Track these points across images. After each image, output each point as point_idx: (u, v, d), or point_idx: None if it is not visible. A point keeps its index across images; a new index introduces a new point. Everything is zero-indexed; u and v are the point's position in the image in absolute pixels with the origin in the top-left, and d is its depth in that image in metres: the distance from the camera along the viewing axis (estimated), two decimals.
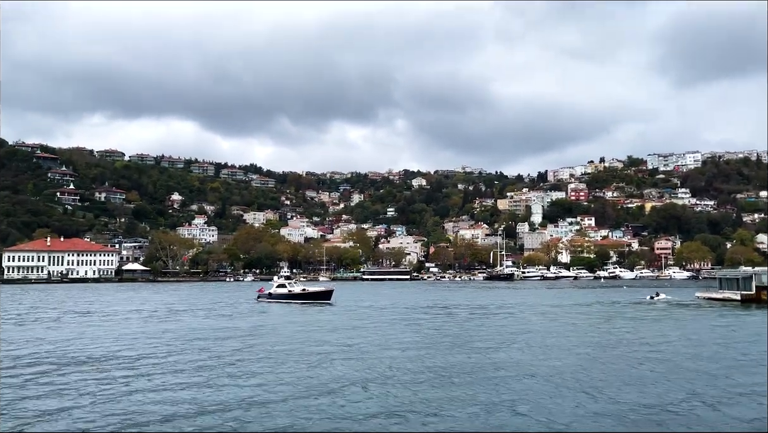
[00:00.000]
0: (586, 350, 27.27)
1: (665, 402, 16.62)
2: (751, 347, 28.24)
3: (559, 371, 21.31)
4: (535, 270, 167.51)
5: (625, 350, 27.39)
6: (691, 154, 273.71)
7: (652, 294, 73.14)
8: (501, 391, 18.06)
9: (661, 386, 18.90)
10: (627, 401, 16.67)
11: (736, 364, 23.46)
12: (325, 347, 27.70)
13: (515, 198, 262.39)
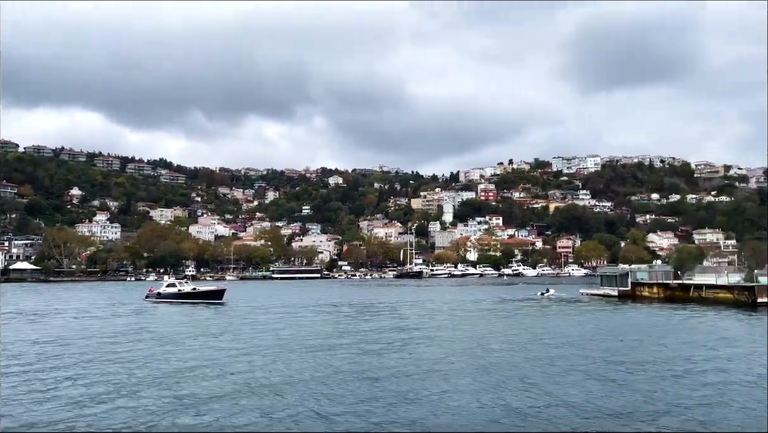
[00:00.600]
0: (450, 343, 28.22)
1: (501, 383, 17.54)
2: (597, 343, 30.26)
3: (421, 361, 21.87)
4: (443, 268, 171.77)
5: (475, 343, 28.58)
6: (592, 158, 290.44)
7: (543, 291, 76.79)
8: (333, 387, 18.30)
9: (490, 373, 19.96)
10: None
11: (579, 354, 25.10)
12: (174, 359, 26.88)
13: (428, 198, 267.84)
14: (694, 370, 22.47)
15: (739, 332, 36.12)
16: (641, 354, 26.49)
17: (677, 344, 30.01)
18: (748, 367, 23.33)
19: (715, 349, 28.29)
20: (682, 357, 25.62)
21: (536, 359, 24.39)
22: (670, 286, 62.13)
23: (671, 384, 19.72)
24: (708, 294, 58.70)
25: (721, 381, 20.32)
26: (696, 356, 25.90)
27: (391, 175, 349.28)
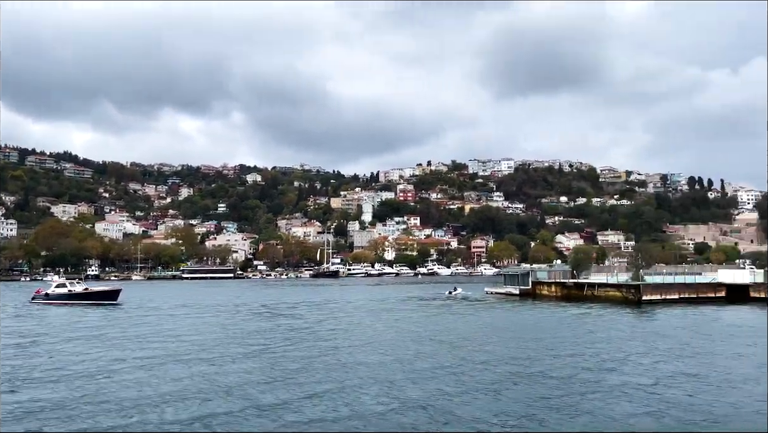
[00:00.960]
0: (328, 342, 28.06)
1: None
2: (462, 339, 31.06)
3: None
4: (360, 268, 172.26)
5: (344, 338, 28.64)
6: (506, 162, 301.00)
7: (451, 290, 78.53)
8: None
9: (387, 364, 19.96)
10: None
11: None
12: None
13: (348, 197, 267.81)
14: (538, 366, 23.48)
15: (605, 328, 38.33)
16: (506, 350, 27.42)
17: (551, 339, 31.41)
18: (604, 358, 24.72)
19: (580, 342, 29.84)
20: (537, 353, 26.79)
21: (399, 359, 24.61)
22: (566, 285, 65.22)
23: (523, 382, 20.49)
24: (600, 292, 62.10)
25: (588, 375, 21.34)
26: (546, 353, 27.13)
27: (312, 174, 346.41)
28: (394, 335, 33.38)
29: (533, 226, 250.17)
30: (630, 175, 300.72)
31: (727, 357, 26.27)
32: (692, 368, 23.38)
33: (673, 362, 24.99)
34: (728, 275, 59.33)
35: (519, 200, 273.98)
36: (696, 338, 32.67)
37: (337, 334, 33.79)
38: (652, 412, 16.35)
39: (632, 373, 22.17)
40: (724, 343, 30.85)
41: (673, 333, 35.31)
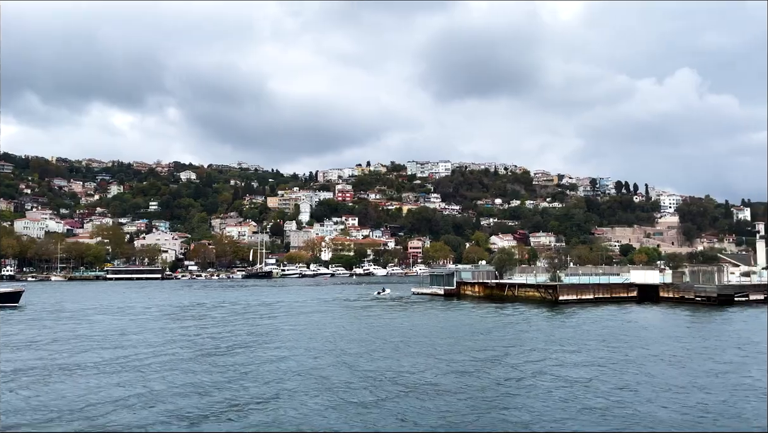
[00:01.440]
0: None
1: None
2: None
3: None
4: (294, 268, 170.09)
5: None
6: (443, 163, 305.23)
7: (379, 290, 78.55)
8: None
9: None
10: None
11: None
12: None
13: (286, 197, 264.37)
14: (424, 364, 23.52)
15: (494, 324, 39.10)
16: (393, 350, 27.39)
17: (462, 339, 31.66)
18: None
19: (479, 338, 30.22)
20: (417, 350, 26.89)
21: (266, 359, 24.20)
22: (489, 285, 66.41)
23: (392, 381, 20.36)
24: (520, 292, 63.55)
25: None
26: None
27: (250, 173, 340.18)
28: (300, 336, 32.75)
29: (469, 227, 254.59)
30: (562, 178, 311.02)
31: (636, 356, 27.11)
32: (605, 366, 23.94)
33: (585, 359, 25.57)
34: (639, 275, 61.86)
35: (456, 202, 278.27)
36: (605, 337, 33.67)
37: (241, 336, 32.86)
38: (569, 415, 16.46)
39: (545, 373, 22.46)
40: (630, 342, 31.91)
41: (583, 332, 36.34)
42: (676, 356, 26.87)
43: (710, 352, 28.48)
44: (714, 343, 31.87)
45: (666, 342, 31.69)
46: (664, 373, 22.63)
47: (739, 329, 39.21)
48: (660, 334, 35.70)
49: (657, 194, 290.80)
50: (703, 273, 57.29)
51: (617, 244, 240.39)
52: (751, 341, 32.05)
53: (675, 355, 27.27)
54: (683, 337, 34.18)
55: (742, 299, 58.88)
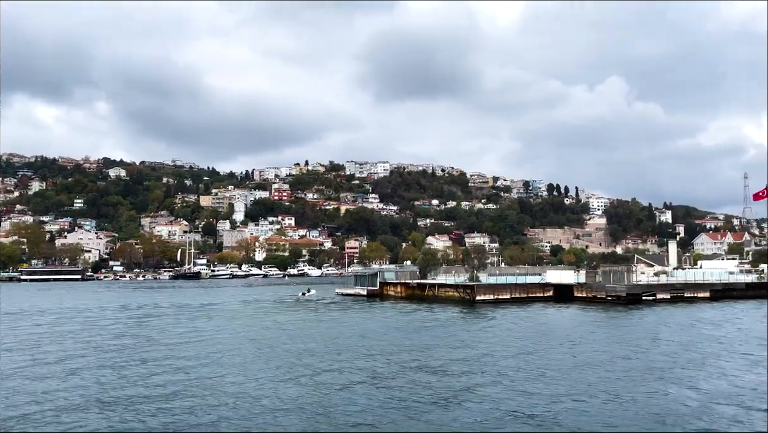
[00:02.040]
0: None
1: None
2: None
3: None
4: (225, 268, 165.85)
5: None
6: (382, 164, 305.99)
7: (304, 291, 77.29)
8: None
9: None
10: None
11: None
12: None
13: (220, 195, 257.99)
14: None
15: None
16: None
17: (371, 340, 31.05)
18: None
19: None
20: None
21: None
22: (410, 285, 66.34)
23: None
24: (441, 292, 63.76)
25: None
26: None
27: (185, 170, 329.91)
28: (190, 344, 31.26)
29: (406, 227, 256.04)
30: (497, 180, 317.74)
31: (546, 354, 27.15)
32: (523, 365, 23.72)
33: (499, 358, 25.33)
34: (555, 275, 63.22)
35: (394, 202, 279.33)
36: (511, 337, 33.81)
37: (136, 339, 31.09)
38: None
39: (455, 372, 22.01)
40: (538, 341, 32.11)
41: (493, 331, 36.45)
42: (569, 354, 27.19)
43: (600, 351, 29.00)
44: (603, 345, 32.56)
45: (568, 341, 32.15)
46: (563, 372, 22.71)
47: (633, 328, 40.51)
48: (562, 333, 36.25)
49: (586, 197, 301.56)
50: (614, 273, 59.12)
51: (548, 244, 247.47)
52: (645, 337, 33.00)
53: (569, 352, 27.60)
54: (580, 336, 34.83)
55: (650, 298, 61.19)
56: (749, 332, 37.63)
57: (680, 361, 26.20)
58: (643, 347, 30.40)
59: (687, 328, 40.07)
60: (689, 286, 64.79)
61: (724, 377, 22.61)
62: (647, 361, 26.17)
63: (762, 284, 71.67)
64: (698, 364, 25.54)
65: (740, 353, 28.45)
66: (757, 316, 49.58)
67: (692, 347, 30.47)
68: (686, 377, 22.57)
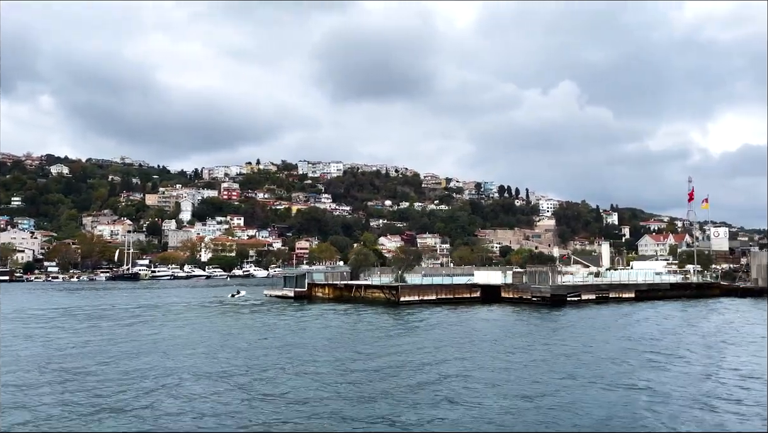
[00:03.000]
0: None
1: None
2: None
3: None
4: (166, 269, 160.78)
5: None
6: (335, 164, 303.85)
7: (234, 292, 75.05)
8: None
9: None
10: None
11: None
12: None
13: (166, 194, 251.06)
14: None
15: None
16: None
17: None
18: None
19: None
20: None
21: None
22: (338, 286, 64.99)
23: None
24: (367, 293, 62.61)
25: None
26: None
27: (134, 168, 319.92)
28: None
29: (358, 228, 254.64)
30: (450, 182, 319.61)
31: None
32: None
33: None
34: (483, 276, 62.90)
35: (346, 203, 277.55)
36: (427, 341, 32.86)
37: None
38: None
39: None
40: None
41: (408, 336, 35.45)
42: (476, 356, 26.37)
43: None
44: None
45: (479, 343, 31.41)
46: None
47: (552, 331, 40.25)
48: (477, 337, 35.58)
49: (537, 199, 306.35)
50: (539, 274, 59.09)
51: (498, 245, 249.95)
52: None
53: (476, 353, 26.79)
54: (490, 339, 34.22)
55: (575, 299, 61.52)
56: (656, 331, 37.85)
57: (589, 365, 25.72)
58: (550, 349, 29.92)
59: (600, 329, 40.10)
60: (614, 286, 65.58)
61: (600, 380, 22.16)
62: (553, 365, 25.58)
63: (685, 284, 73.36)
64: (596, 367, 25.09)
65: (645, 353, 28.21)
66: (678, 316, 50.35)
67: (594, 350, 30.17)
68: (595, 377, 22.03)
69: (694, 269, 78.94)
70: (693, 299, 71.41)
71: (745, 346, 32.76)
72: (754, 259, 77.36)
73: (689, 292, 72.50)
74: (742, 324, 44.28)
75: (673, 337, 36.16)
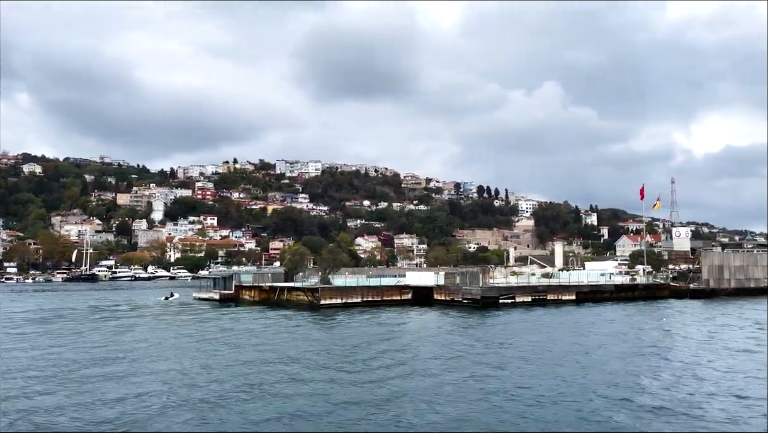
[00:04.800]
0: None
1: None
2: None
3: None
4: (127, 270, 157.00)
5: None
6: (314, 164, 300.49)
7: (167, 294, 72.14)
8: None
9: None
10: None
11: None
12: None
13: (139, 193, 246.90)
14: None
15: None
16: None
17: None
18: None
19: None
20: None
21: None
22: (263, 288, 62.07)
23: None
24: (292, 296, 59.71)
25: None
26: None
27: (112, 168, 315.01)
28: None
29: (335, 228, 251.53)
30: (430, 182, 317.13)
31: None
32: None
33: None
34: (414, 277, 60.19)
35: (324, 203, 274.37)
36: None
37: None
38: None
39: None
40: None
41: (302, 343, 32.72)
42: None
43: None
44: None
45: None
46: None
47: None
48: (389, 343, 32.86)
49: (516, 199, 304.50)
50: (470, 274, 56.46)
51: (476, 245, 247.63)
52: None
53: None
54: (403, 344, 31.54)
55: (508, 301, 58.87)
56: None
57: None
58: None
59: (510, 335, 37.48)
60: (553, 288, 62.93)
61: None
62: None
63: (631, 286, 70.92)
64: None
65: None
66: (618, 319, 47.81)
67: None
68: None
69: (644, 269, 76.44)
70: (641, 300, 69.14)
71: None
72: (705, 259, 75.03)
73: (637, 294, 70.10)
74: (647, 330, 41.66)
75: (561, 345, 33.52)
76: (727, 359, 27.99)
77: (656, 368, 25.79)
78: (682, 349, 31.74)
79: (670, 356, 29.07)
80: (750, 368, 25.50)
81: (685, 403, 19.34)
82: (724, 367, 25.83)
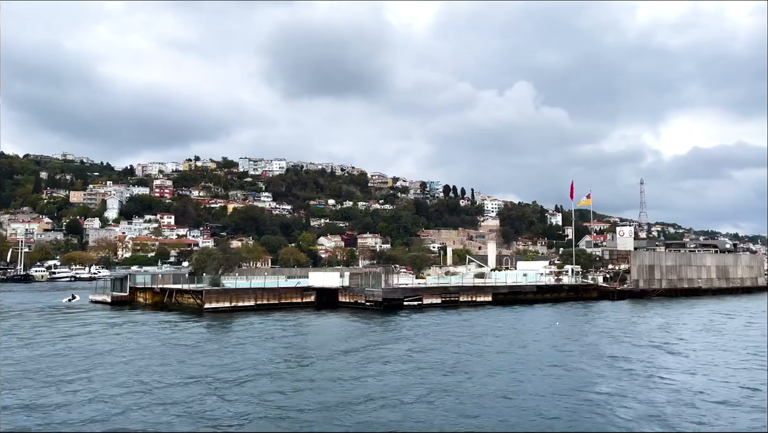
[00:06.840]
0: None
1: None
2: None
3: None
4: (67, 270, 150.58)
5: None
6: (278, 162, 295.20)
7: (69, 297, 67.52)
8: None
9: None
10: None
11: None
12: None
13: (93, 191, 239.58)
14: None
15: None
16: None
17: None
18: None
19: None
20: None
21: None
22: (155, 290, 57.87)
23: None
24: (183, 299, 55.64)
25: None
26: None
27: (74, 165, 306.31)
28: None
29: (298, 227, 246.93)
30: (396, 181, 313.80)
31: None
32: None
33: None
34: (318, 278, 56.49)
35: (288, 201, 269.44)
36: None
37: None
38: None
39: None
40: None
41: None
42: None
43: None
44: None
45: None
46: None
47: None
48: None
49: (482, 199, 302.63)
50: (373, 275, 52.90)
51: (439, 245, 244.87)
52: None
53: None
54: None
55: (415, 303, 55.45)
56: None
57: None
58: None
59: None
60: (466, 289, 59.64)
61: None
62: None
63: (555, 287, 68.07)
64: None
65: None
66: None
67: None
68: None
69: (572, 269, 73.67)
70: (567, 302, 66.37)
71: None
72: (634, 259, 72.62)
73: (563, 295, 67.30)
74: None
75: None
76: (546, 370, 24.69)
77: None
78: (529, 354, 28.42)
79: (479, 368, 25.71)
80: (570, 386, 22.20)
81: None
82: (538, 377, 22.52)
